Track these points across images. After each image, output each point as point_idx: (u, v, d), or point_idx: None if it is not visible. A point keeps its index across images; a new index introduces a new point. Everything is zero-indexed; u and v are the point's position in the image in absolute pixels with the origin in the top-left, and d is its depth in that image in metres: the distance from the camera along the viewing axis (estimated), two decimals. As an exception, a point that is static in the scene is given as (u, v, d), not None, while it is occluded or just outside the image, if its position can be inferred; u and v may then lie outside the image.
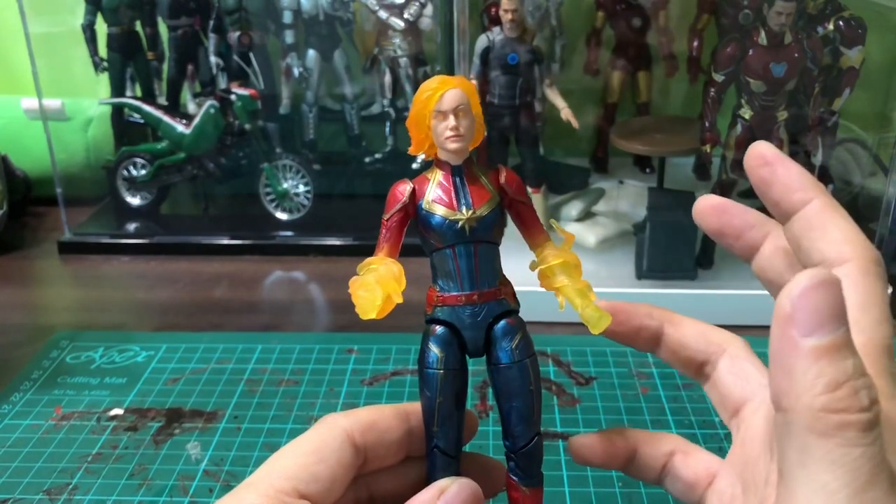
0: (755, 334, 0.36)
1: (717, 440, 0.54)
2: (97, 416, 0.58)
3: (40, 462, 0.53)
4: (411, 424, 0.35)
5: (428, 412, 0.34)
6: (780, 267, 0.32)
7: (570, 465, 0.52)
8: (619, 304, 0.35)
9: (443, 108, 0.33)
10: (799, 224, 0.30)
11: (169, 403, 0.60)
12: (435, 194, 0.34)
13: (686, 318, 0.36)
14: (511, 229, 0.35)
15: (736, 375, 0.34)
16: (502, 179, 0.34)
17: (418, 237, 0.35)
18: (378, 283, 0.33)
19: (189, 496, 0.50)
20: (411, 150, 0.35)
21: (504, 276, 0.35)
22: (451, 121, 0.33)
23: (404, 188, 0.34)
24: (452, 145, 0.33)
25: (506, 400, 0.34)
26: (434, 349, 0.34)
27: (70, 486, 0.51)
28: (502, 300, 0.34)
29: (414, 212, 0.34)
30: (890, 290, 0.71)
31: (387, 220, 0.34)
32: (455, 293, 0.34)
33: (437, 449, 0.34)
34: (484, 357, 0.35)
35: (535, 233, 0.35)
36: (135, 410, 0.59)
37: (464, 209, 0.34)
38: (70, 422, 0.58)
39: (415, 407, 0.35)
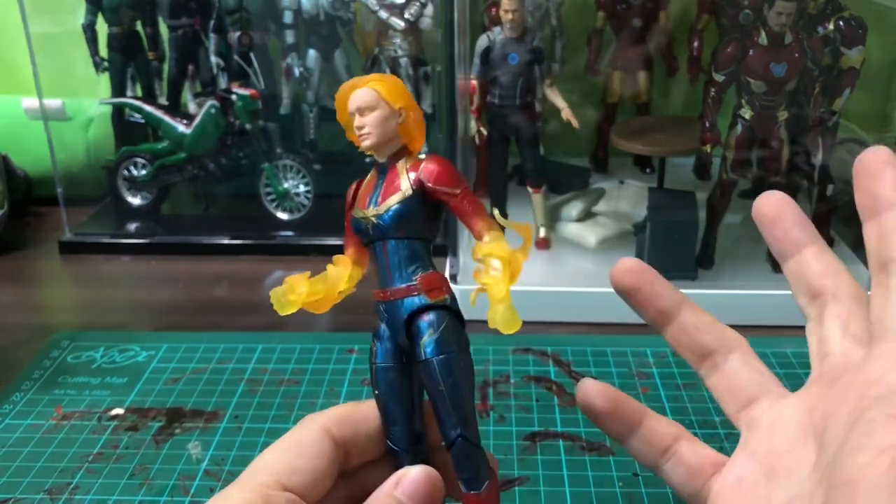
0: (755, 334, 0.36)
1: (718, 440, 0.54)
2: (98, 416, 0.58)
3: (41, 462, 0.53)
4: None
5: (378, 406, 0.35)
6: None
7: (570, 464, 0.53)
8: (645, 266, 0.37)
9: (349, 109, 0.34)
10: None
11: (170, 403, 0.60)
12: (361, 194, 0.35)
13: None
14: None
15: (751, 369, 0.35)
16: (419, 171, 0.34)
17: None
18: (291, 282, 0.35)
19: (190, 496, 0.50)
20: (361, 150, 0.36)
21: (431, 269, 0.34)
22: (357, 120, 0.34)
23: (351, 188, 0.36)
24: (362, 143, 0.34)
25: (428, 397, 0.34)
26: (374, 344, 0.35)
27: (71, 486, 0.51)
28: (419, 296, 0.33)
29: None
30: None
31: (346, 221, 0.36)
32: (380, 289, 0.35)
33: (389, 442, 0.35)
34: (488, 357, 0.35)
35: (471, 223, 0.33)
36: (135, 410, 0.59)
37: (371, 207, 0.34)
38: (71, 421, 0.58)
39: None
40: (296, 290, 0.35)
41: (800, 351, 0.62)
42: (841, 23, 0.71)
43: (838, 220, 0.80)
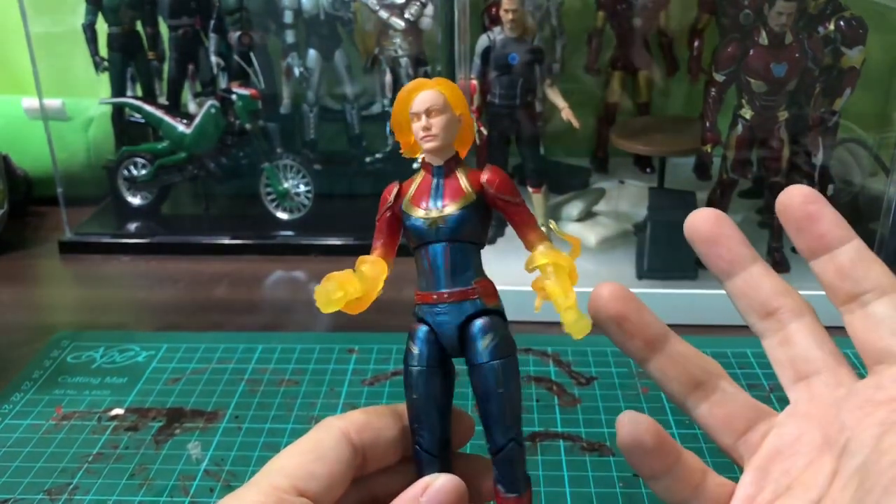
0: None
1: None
2: (98, 416, 0.58)
3: (41, 462, 0.53)
4: (406, 424, 0.35)
5: (410, 410, 0.35)
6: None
7: (570, 464, 0.53)
8: (630, 293, 0.35)
9: (415, 109, 0.34)
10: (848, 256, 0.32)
11: (170, 403, 0.60)
12: (413, 194, 0.35)
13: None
14: (510, 232, 0.35)
15: (740, 394, 0.35)
16: (484, 178, 0.34)
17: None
18: (333, 281, 0.34)
19: (190, 496, 0.50)
20: (403, 152, 0.36)
21: (484, 275, 0.35)
22: (424, 121, 0.34)
23: (390, 189, 0.35)
24: (426, 144, 0.34)
25: (480, 402, 0.34)
26: (413, 346, 0.35)
27: (71, 487, 0.51)
28: (476, 300, 0.34)
29: (399, 212, 0.35)
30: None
31: (378, 221, 0.35)
32: (428, 292, 0.34)
33: (419, 447, 0.35)
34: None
35: (525, 232, 0.34)
36: (135, 410, 0.59)
37: (433, 209, 0.34)
38: (71, 422, 0.58)
39: None
40: (345, 288, 0.34)
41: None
42: (841, 23, 0.71)
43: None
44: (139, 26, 0.91)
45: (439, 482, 0.32)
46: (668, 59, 0.95)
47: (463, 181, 0.34)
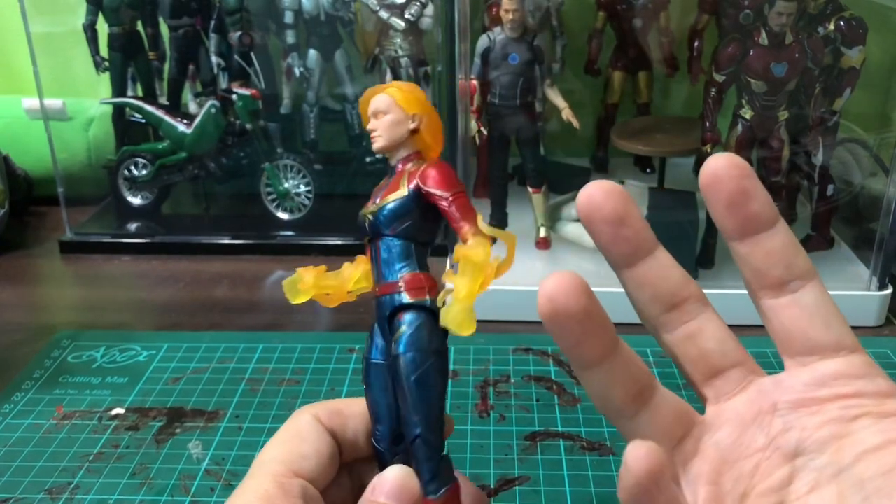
0: (755, 334, 0.36)
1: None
2: (99, 416, 0.59)
3: (42, 461, 0.54)
4: None
5: (367, 403, 0.36)
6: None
7: (570, 464, 0.53)
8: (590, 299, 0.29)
9: (368, 112, 0.36)
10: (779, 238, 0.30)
11: (170, 403, 0.60)
12: (372, 192, 0.36)
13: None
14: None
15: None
16: (417, 174, 0.35)
17: None
18: (299, 273, 0.36)
19: (190, 496, 0.50)
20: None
21: (416, 270, 0.34)
22: (371, 122, 0.36)
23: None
24: (373, 145, 0.36)
25: (397, 395, 0.34)
26: (367, 340, 0.36)
27: (71, 486, 0.51)
28: (401, 294, 0.34)
29: None
30: (890, 290, 0.71)
31: None
32: (373, 285, 0.36)
33: (374, 440, 0.36)
34: (488, 357, 0.35)
35: (456, 227, 0.34)
36: (136, 410, 0.59)
37: (371, 205, 0.35)
38: (71, 421, 0.58)
39: None
40: (303, 280, 0.36)
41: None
42: (841, 23, 0.71)
43: (838, 220, 0.80)
44: (140, 26, 0.91)
45: (388, 475, 0.32)
46: (668, 60, 0.95)
47: (404, 178, 0.35)
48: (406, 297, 0.34)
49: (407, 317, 0.34)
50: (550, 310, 0.28)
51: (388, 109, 0.35)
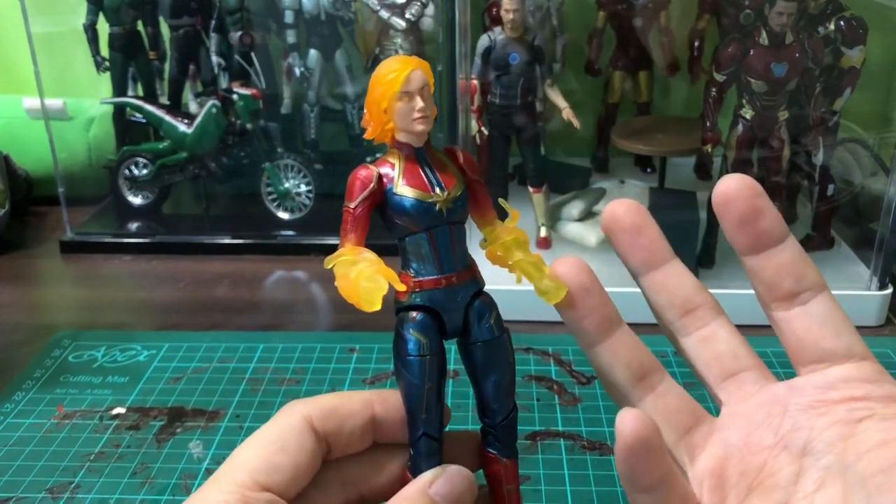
0: (755, 334, 0.36)
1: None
2: (99, 415, 0.59)
3: (43, 461, 0.54)
4: (375, 411, 0.34)
5: (415, 400, 0.33)
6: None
7: (571, 463, 0.53)
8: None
9: (410, 88, 0.32)
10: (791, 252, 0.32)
11: (171, 402, 0.60)
12: (406, 178, 0.33)
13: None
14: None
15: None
16: (461, 160, 0.35)
17: (384, 223, 0.34)
18: (379, 273, 0.32)
19: (191, 495, 0.50)
20: (368, 135, 0.34)
21: (470, 254, 0.35)
22: (419, 101, 0.32)
23: (369, 174, 0.33)
24: (420, 126, 0.33)
25: (486, 376, 0.34)
26: (417, 335, 0.33)
27: (72, 485, 0.51)
28: (476, 279, 0.34)
29: (381, 198, 0.33)
30: (890, 290, 0.71)
31: (353, 209, 0.33)
32: (434, 276, 0.33)
33: (426, 436, 0.34)
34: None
35: (485, 211, 0.35)
36: (137, 409, 0.59)
37: (437, 191, 0.33)
38: (72, 421, 0.58)
39: (380, 395, 0.35)
40: (383, 287, 0.32)
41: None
42: (841, 23, 0.71)
43: (838, 220, 0.80)
44: (140, 26, 0.91)
45: (450, 471, 0.33)
46: (669, 60, 0.95)
47: (448, 163, 0.34)
48: (481, 282, 0.34)
49: (489, 300, 0.34)
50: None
51: (428, 86, 0.33)
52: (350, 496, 0.34)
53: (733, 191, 0.31)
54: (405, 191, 0.33)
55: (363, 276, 0.32)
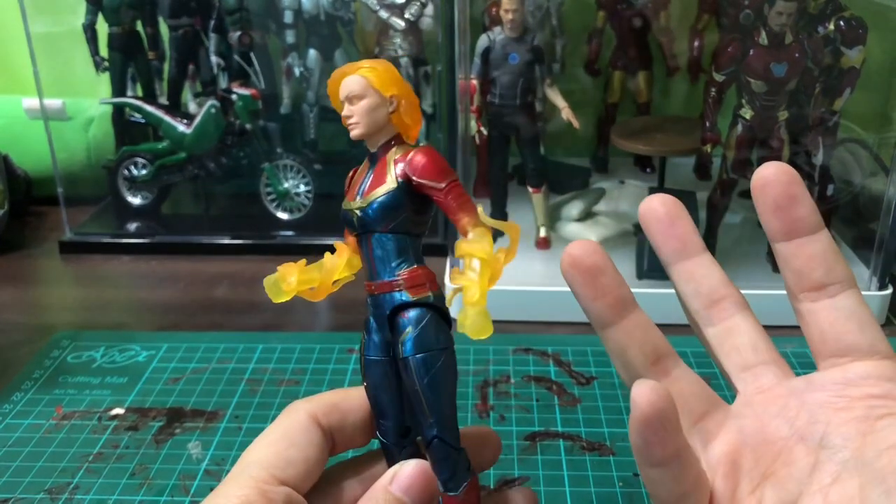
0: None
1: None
2: (98, 416, 0.58)
3: (41, 461, 0.53)
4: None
5: (369, 399, 0.35)
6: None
7: (570, 464, 0.53)
8: (602, 251, 0.33)
9: (342, 96, 0.33)
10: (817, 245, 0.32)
11: (170, 403, 0.60)
12: (350, 183, 0.34)
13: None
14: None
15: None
16: (406, 162, 0.32)
17: None
18: (280, 271, 0.34)
19: (190, 496, 0.50)
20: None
21: (415, 265, 0.33)
22: (345, 108, 0.33)
23: (348, 177, 0.35)
24: (351, 132, 0.33)
25: (406, 396, 0.33)
26: (364, 336, 0.34)
27: (71, 486, 0.51)
28: (401, 292, 0.32)
29: None
30: (890, 290, 0.71)
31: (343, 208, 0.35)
32: (367, 282, 0.34)
33: (380, 436, 0.35)
34: (488, 357, 0.35)
35: (454, 219, 0.32)
36: (136, 410, 0.59)
37: (358, 198, 0.33)
38: (71, 421, 0.58)
39: None
40: (286, 279, 0.34)
41: (801, 350, 0.62)
42: (841, 23, 0.71)
43: (838, 220, 0.80)
44: (139, 26, 0.91)
45: (407, 469, 0.33)
46: (669, 60, 0.95)
47: (390, 168, 0.33)
48: (407, 296, 0.32)
49: (411, 315, 0.32)
50: (569, 262, 0.33)
51: (364, 93, 0.32)
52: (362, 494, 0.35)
53: (771, 175, 0.32)
54: (345, 196, 0.34)
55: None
